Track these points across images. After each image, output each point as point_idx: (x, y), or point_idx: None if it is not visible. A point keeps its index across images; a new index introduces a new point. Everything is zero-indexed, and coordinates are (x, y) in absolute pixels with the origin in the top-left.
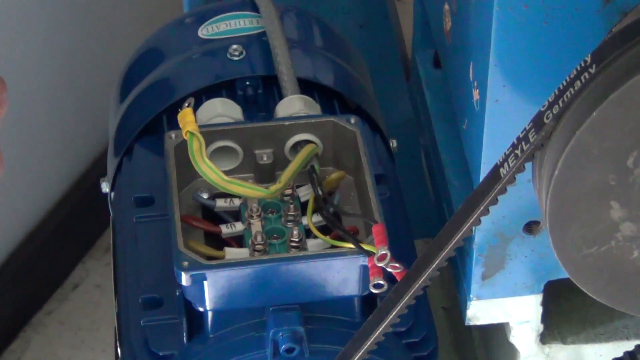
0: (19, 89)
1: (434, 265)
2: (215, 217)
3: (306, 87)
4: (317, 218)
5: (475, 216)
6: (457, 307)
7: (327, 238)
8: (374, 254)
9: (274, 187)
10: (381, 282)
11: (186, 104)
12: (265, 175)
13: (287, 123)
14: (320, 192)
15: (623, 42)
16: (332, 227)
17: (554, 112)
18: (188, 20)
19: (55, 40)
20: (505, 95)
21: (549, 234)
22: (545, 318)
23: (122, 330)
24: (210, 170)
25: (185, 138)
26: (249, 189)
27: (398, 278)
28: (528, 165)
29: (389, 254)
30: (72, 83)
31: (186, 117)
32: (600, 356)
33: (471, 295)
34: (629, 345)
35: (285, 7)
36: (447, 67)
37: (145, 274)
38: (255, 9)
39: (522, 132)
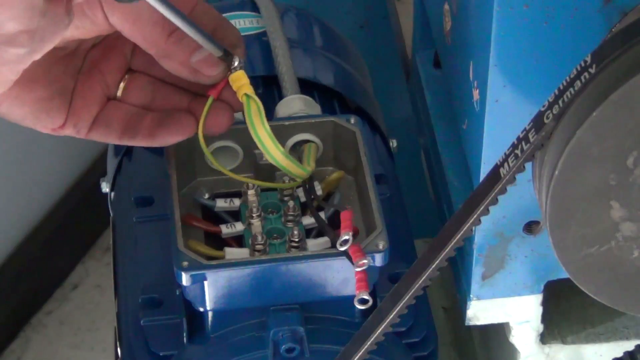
0: None
1: (434, 265)
2: (215, 217)
3: (306, 87)
4: (310, 220)
5: (475, 216)
6: (457, 307)
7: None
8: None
9: (310, 168)
10: (366, 297)
11: (236, 64)
12: (265, 176)
13: (287, 123)
14: (312, 196)
15: (623, 42)
16: (325, 234)
17: (554, 112)
18: None
19: None
20: (505, 95)
21: (549, 234)
22: (545, 318)
23: (122, 330)
24: (268, 139)
25: (241, 101)
26: (297, 168)
27: (354, 258)
28: (528, 165)
29: (350, 239)
30: None
31: (241, 80)
32: (600, 356)
33: (471, 295)
34: (629, 345)
35: (285, 7)
36: (447, 67)
37: (145, 274)
38: (255, 9)
39: (522, 132)
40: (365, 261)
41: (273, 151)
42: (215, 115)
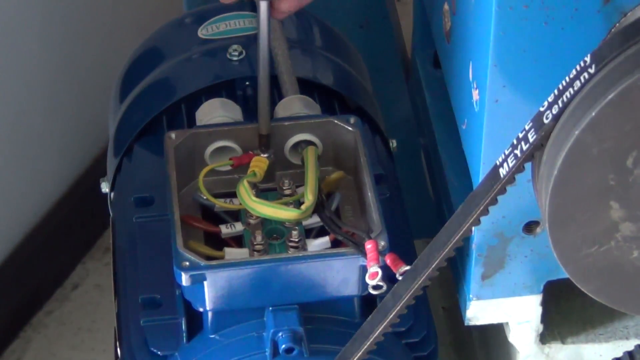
0: (18, 88)
1: (433, 265)
2: (215, 217)
3: (306, 87)
4: (316, 219)
5: (475, 216)
6: (457, 307)
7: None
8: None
9: (304, 206)
10: (380, 283)
11: (267, 155)
12: (265, 176)
13: (286, 123)
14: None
15: (623, 42)
16: (331, 231)
17: (554, 112)
18: (188, 20)
19: (55, 40)
20: (505, 95)
21: (548, 234)
22: (545, 318)
23: (122, 330)
24: (260, 206)
25: (248, 172)
26: (281, 210)
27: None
28: (528, 165)
29: (380, 272)
30: (71, 83)
31: (261, 164)
32: (600, 356)
33: (471, 295)
34: (629, 345)
35: None
36: (447, 67)
37: (145, 274)
38: (255, 9)
39: (521, 132)
40: (406, 268)
41: (248, 202)
42: None
